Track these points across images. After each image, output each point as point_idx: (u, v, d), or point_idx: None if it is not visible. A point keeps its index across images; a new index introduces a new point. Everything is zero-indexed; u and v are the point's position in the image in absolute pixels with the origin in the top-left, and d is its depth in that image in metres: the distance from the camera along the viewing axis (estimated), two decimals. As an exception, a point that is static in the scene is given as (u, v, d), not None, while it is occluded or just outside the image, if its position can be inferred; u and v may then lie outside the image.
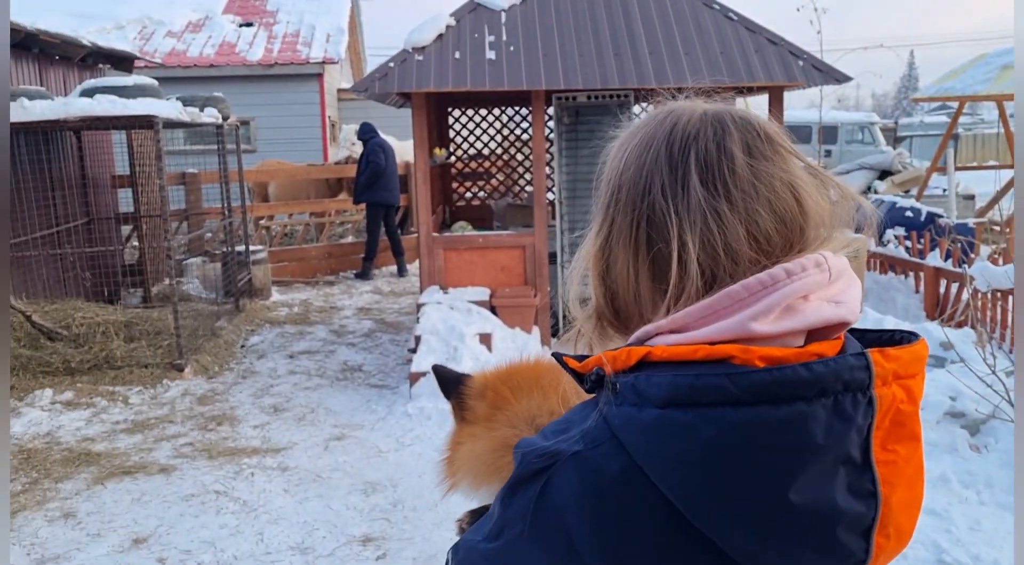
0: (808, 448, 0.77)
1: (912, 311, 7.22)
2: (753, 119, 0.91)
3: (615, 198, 0.90)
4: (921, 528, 3.69)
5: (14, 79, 7.71)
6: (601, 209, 0.92)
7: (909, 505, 0.86)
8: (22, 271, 7.17)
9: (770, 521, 0.77)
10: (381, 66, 6.83)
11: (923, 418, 3.92)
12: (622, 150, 0.92)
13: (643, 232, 0.87)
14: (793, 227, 0.86)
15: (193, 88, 11.59)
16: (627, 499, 0.79)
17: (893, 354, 0.83)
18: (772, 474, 0.76)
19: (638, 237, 0.87)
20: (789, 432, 0.76)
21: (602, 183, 0.94)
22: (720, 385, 0.77)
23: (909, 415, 0.84)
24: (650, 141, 0.89)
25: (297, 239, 12.33)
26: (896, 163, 15.72)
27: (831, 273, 0.85)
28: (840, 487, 0.79)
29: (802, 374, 0.77)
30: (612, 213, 0.90)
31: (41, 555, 3.97)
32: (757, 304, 0.81)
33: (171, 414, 5.91)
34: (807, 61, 6.89)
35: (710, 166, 0.85)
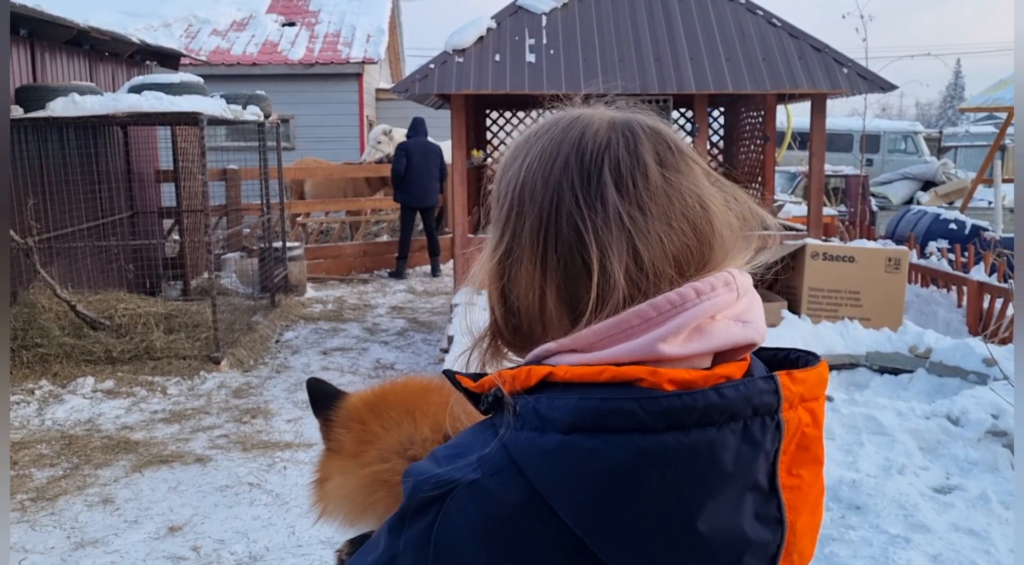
0: (718, 475, 0.74)
1: (954, 326, 7.10)
2: (662, 128, 0.88)
3: (516, 211, 0.84)
4: (959, 548, 3.63)
5: (67, 75, 7.88)
6: (499, 222, 0.86)
7: (811, 530, 0.83)
8: (68, 262, 7.33)
9: (678, 552, 0.74)
10: (422, 67, 6.88)
11: (963, 435, 3.83)
12: (520, 159, 0.86)
13: (551, 246, 0.82)
14: (704, 242, 0.83)
15: (236, 86, 11.75)
16: (527, 529, 0.75)
17: (800, 377, 0.81)
18: (680, 503, 0.73)
19: (546, 251, 0.82)
20: (699, 459, 0.73)
21: (499, 194, 0.88)
22: (629, 410, 0.73)
23: (813, 439, 0.81)
24: (556, 150, 0.84)
25: (333, 237, 12.45)
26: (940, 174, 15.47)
27: (738, 291, 0.83)
28: (747, 515, 0.76)
29: (713, 399, 0.74)
30: (514, 226, 0.84)
31: (80, 539, 4.05)
32: (666, 324, 0.78)
33: (207, 406, 6.00)
34: (852, 68, 6.82)
35: (624, 177, 0.81)
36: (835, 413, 4.74)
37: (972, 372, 5.52)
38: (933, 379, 5.74)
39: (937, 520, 3.87)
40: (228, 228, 10.12)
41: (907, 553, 3.59)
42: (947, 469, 4.35)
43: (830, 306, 6.70)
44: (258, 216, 9.79)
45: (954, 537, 3.73)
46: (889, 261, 6.68)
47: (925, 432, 4.57)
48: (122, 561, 3.85)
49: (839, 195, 13.60)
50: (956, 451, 4.46)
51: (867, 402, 4.87)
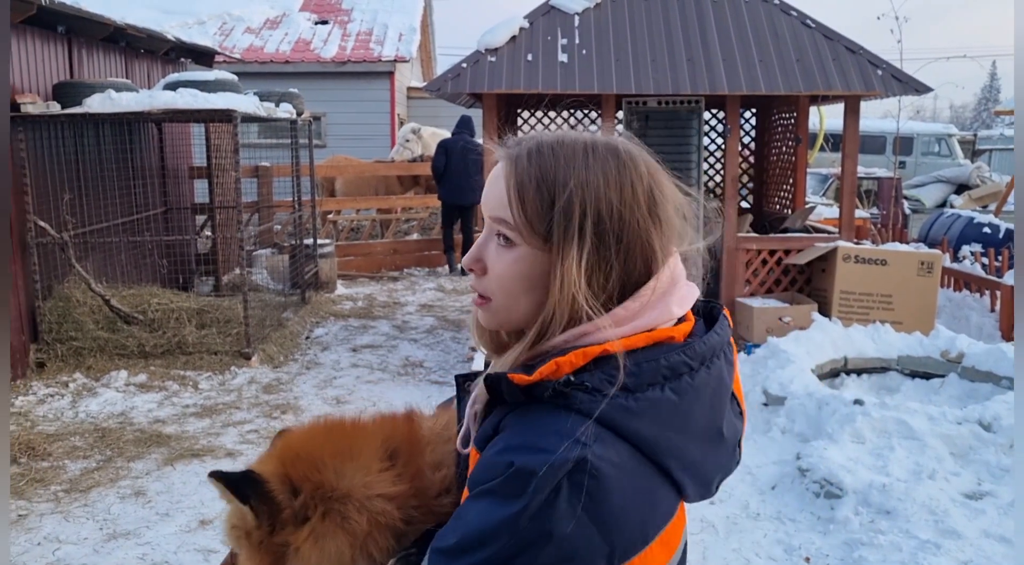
0: (725, 390, 1.09)
1: (987, 331, 7.00)
2: (636, 149, 1.14)
3: (592, 224, 1.04)
4: (990, 554, 3.59)
5: (103, 72, 8.01)
6: (569, 234, 1.04)
7: (743, 415, 1.18)
8: (103, 256, 7.45)
9: (712, 453, 1.08)
10: (454, 66, 6.90)
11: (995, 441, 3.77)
12: (579, 180, 1.06)
13: (622, 250, 1.05)
14: (674, 231, 1.12)
15: (269, 83, 11.87)
16: (636, 475, 0.99)
17: (728, 314, 1.19)
18: (714, 416, 1.07)
19: (614, 254, 1.05)
20: (719, 383, 1.07)
21: (558, 210, 1.05)
22: (682, 361, 1.03)
23: (735, 354, 1.15)
24: (617, 175, 1.07)
25: (363, 234, 12.53)
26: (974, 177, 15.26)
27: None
28: (731, 415, 1.11)
29: (714, 341, 1.09)
30: (590, 236, 1.04)
31: (113, 530, 4.13)
32: (673, 294, 1.08)
33: (238, 401, 6.07)
34: (886, 70, 6.74)
35: (658, 194, 1.10)
36: (866, 417, 4.70)
37: (1005, 377, 5.44)
38: (965, 384, 5.66)
39: (968, 526, 3.82)
40: (260, 225, 10.23)
41: (937, 559, 3.56)
42: (979, 475, 4.30)
43: (861, 309, 6.64)
44: (289, 213, 9.88)
45: (985, 543, 3.69)
46: (922, 265, 6.60)
47: (956, 437, 4.52)
48: (153, 553, 3.91)
49: (871, 197, 13.45)
50: (988, 457, 4.40)
51: (898, 406, 4.82)
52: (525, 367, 1.03)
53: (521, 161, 1.08)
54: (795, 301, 6.84)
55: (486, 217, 1.11)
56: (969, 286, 7.72)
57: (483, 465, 1.02)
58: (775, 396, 5.36)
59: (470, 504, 1.01)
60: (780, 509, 4.27)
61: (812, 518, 4.13)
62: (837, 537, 3.90)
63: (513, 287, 1.07)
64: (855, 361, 6.06)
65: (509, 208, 1.06)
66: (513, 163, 1.09)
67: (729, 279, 7.12)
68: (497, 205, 1.08)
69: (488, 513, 0.97)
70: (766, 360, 5.81)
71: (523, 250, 1.06)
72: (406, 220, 13.28)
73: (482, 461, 1.03)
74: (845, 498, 4.12)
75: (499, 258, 1.08)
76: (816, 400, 5.08)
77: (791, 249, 7.07)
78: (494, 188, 1.10)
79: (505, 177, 1.08)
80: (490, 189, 1.11)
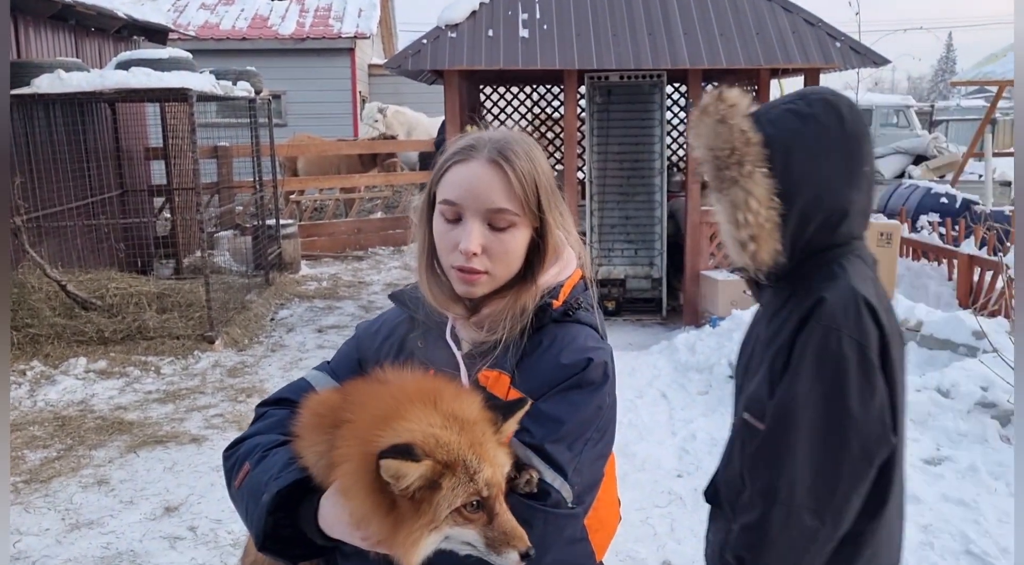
0: None
1: (944, 299, 7.13)
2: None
3: (552, 197, 1.47)
4: (949, 518, 3.67)
5: (52, 51, 7.78)
6: (547, 208, 1.44)
7: None
8: (57, 241, 7.28)
9: None
10: (414, 43, 6.81)
11: (953, 407, 3.85)
12: (542, 168, 1.45)
13: (561, 210, 1.49)
14: None
15: (225, 61, 11.63)
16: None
17: None
18: None
19: (561, 215, 1.49)
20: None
21: (542, 194, 1.43)
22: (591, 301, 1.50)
23: None
24: (544, 159, 1.52)
25: (327, 214, 12.40)
26: (931, 148, 15.45)
27: None
28: None
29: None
30: (552, 206, 1.46)
31: (76, 520, 4.06)
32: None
33: (202, 385, 6.00)
34: (844, 43, 6.78)
35: None
36: (827, 387, 4.76)
37: (962, 345, 5.55)
38: (924, 352, 5.77)
39: (928, 491, 3.91)
40: (220, 206, 10.07)
41: (898, 525, 3.63)
42: (937, 441, 4.39)
43: (822, 281, 6.71)
44: (251, 194, 9.73)
45: (944, 507, 3.77)
46: (880, 235, 6.69)
47: (915, 404, 4.60)
48: (118, 542, 3.86)
49: (831, 169, 13.57)
50: (946, 423, 4.50)
51: (859, 376, 4.89)
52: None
53: (509, 163, 1.37)
54: (758, 274, 6.89)
55: (480, 210, 1.37)
56: (927, 255, 7.85)
57: (552, 369, 1.37)
58: (739, 368, 5.41)
59: (558, 400, 1.35)
60: (746, 480, 4.32)
61: (777, 488, 4.19)
62: (801, 506, 3.96)
63: (514, 258, 1.41)
64: (817, 332, 6.14)
65: (512, 200, 1.38)
66: (500, 166, 1.38)
67: (693, 252, 7.16)
68: (499, 199, 1.37)
69: (584, 400, 1.35)
70: (731, 332, 5.86)
71: (522, 229, 1.40)
72: (370, 199, 13.16)
73: (546, 368, 1.37)
74: (809, 467, 4.17)
75: (503, 240, 1.39)
76: (780, 371, 5.14)
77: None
78: (490, 186, 1.37)
79: (500, 177, 1.38)
80: (484, 187, 1.37)
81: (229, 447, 1.50)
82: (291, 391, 1.55)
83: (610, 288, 7.53)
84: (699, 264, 7.13)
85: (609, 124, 7.38)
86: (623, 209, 7.53)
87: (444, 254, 1.44)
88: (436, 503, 1.20)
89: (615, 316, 7.50)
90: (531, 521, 1.27)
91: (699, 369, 5.78)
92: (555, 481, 1.31)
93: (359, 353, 1.59)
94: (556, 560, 1.31)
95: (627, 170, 7.49)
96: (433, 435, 1.22)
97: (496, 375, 1.40)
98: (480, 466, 1.22)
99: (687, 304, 7.25)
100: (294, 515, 1.32)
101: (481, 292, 1.42)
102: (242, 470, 1.41)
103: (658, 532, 3.85)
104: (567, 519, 1.32)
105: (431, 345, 1.48)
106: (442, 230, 1.43)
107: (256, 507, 1.33)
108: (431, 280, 1.48)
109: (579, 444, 1.34)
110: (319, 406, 1.40)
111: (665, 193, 7.41)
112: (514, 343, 1.40)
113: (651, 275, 7.52)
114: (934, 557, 3.39)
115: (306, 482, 1.32)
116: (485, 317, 1.43)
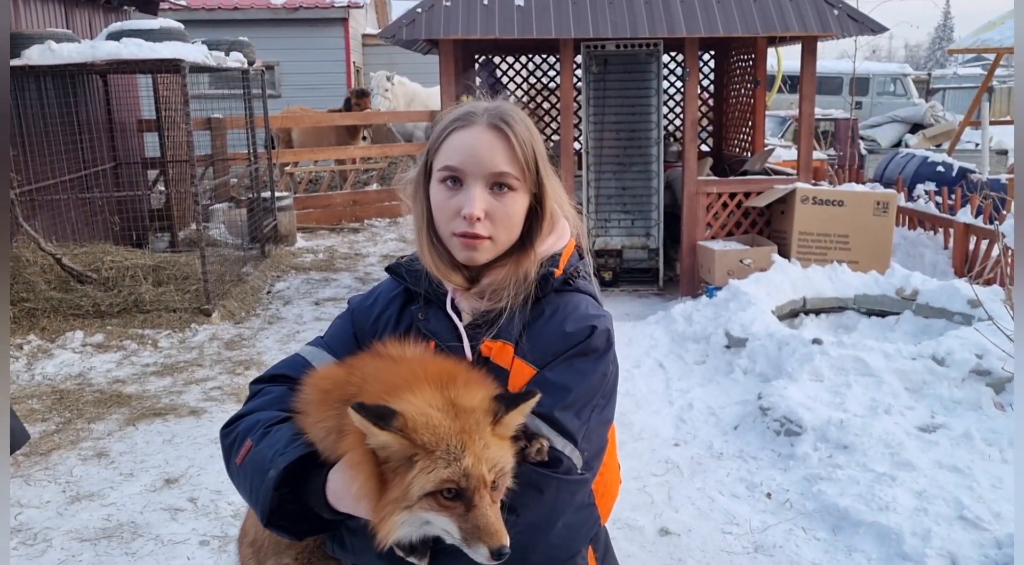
0: None
1: (940, 267, 7.15)
2: None
3: (547, 164, 1.49)
4: (943, 484, 3.71)
5: (42, 22, 7.69)
6: (545, 174, 1.48)
7: None
8: (51, 214, 7.25)
9: None
10: (408, 12, 6.74)
11: (948, 375, 3.88)
12: (536, 136, 1.47)
13: (555, 178, 1.55)
14: None
15: (217, 31, 11.51)
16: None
17: None
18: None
19: (555, 183, 1.56)
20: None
21: (540, 159, 1.45)
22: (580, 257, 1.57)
23: None
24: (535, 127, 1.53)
25: (322, 186, 12.34)
26: (928, 116, 15.39)
27: None
28: None
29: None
30: (549, 172, 1.50)
31: (76, 493, 4.08)
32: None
33: (199, 358, 6.01)
34: (842, 11, 6.73)
35: None
36: (824, 356, 4.78)
37: (957, 313, 5.58)
38: (919, 321, 5.79)
39: (922, 458, 3.94)
40: (215, 178, 10.01)
41: (893, 490, 3.66)
42: (932, 408, 4.42)
43: (819, 250, 6.72)
44: (245, 166, 9.68)
45: (938, 474, 3.81)
46: (877, 204, 6.68)
47: (911, 373, 4.63)
48: (119, 513, 3.89)
49: (828, 138, 13.54)
50: (941, 391, 4.53)
51: (855, 344, 4.92)
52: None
53: (510, 128, 1.40)
54: (755, 243, 6.90)
55: (483, 174, 1.39)
56: (923, 224, 7.85)
57: (557, 337, 1.39)
58: (737, 338, 5.43)
59: (564, 368, 1.37)
60: (742, 448, 4.36)
61: (773, 455, 4.23)
62: (797, 473, 4.00)
63: (516, 223, 1.43)
64: (813, 301, 6.16)
65: (514, 165, 1.40)
66: (502, 131, 1.40)
67: (690, 223, 7.16)
68: (501, 163, 1.40)
69: (590, 367, 1.38)
70: (727, 302, 5.87)
71: (521, 194, 1.43)
72: (365, 170, 13.10)
73: (551, 337, 1.40)
74: (804, 435, 4.21)
75: (505, 204, 1.41)
76: (776, 340, 5.16)
77: (751, 192, 7.11)
78: (492, 150, 1.39)
79: (502, 142, 1.40)
80: (487, 151, 1.39)
81: (227, 424, 1.50)
82: (287, 367, 1.55)
83: (607, 259, 7.53)
84: (696, 234, 7.13)
85: (606, 94, 7.34)
86: (620, 179, 7.50)
87: (444, 222, 1.43)
88: (408, 482, 1.20)
89: (612, 287, 7.51)
90: (543, 488, 1.29)
91: (696, 339, 5.80)
92: (565, 448, 1.33)
93: (355, 328, 1.58)
94: (567, 524, 1.33)
95: (624, 140, 7.46)
96: (425, 414, 1.22)
97: (500, 345, 1.41)
98: (462, 455, 1.21)
99: (684, 274, 7.25)
100: (300, 490, 1.33)
101: (483, 258, 1.43)
102: (244, 447, 1.41)
103: (655, 500, 3.89)
104: (578, 485, 1.34)
105: (432, 317, 1.49)
106: (442, 198, 1.42)
107: (262, 483, 1.33)
108: (431, 250, 1.47)
109: (587, 411, 1.37)
110: (323, 381, 1.40)
111: (662, 163, 7.39)
112: (518, 312, 1.42)
113: (648, 246, 7.52)
114: (928, 522, 3.43)
115: (312, 457, 1.32)
116: (486, 286, 1.45)
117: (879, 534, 3.44)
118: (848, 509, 3.60)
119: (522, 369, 1.40)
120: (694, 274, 7.16)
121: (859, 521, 3.52)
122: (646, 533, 3.63)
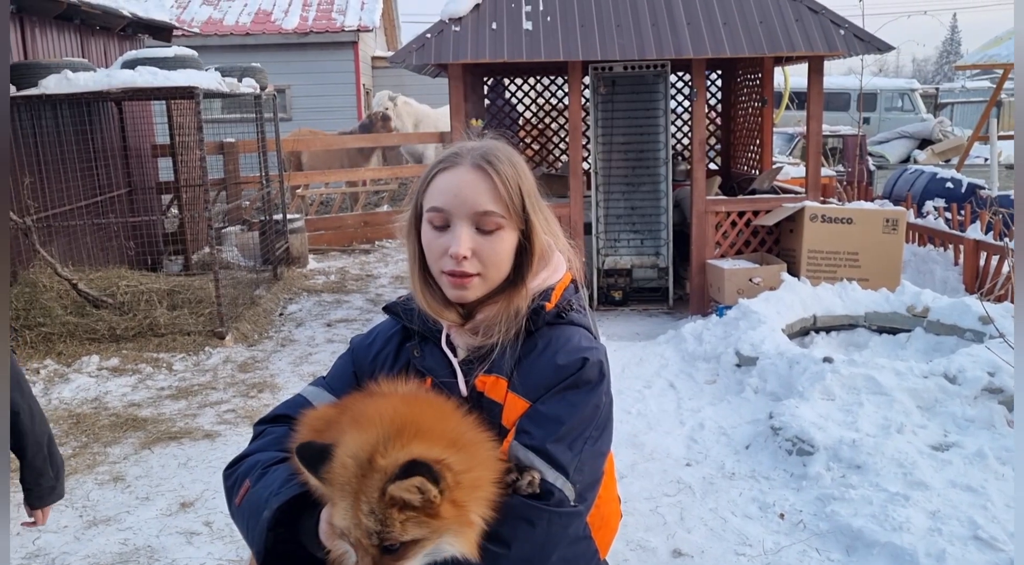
0: None
1: (951, 284, 7.14)
2: None
3: (536, 201, 1.51)
4: (956, 504, 3.70)
5: (58, 51, 7.82)
6: (532, 211, 1.48)
7: None
8: (67, 239, 7.34)
9: None
10: (418, 37, 6.83)
11: (960, 393, 3.87)
12: (524, 173, 1.50)
13: (544, 215, 1.57)
14: None
15: (229, 56, 11.67)
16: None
17: None
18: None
19: (545, 219, 1.57)
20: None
21: (526, 197, 1.47)
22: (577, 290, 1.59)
23: None
24: (524, 165, 1.54)
25: (333, 208, 12.43)
26: (937, 132, 15.38)
27: None
28: None
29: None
30: (537, 209, 1.52)
31: (93, 517, 4.12)
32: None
33: (214, 381, 6.06)
34: (848, 30, 6.78)
35: None
36: (835, 374, 4.79)
37: (969, 330, 5.57)
38: (931, 338, 5.79)
39: (935, 477, 3.94)
40: (228, 202, 10.11)
41: (906, 510, 3.66)
42: (944, 427, 4.41)
43: (829, 268, 6.73)
44: (257, 189, 9.77)
45: (952, 494, 3.80)
46: (887, 222, 6.70)
47: (923, 391, 4.63)
48: (135, 538, 3.92)
49: (837, 155, 13.55)
50: (953, 409, 4.52)
51: (866, 362, 4.92)
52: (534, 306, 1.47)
53: (492, 168, 1.43)
54: (764, 262, 6.92)
55: (468, 213, 1.41)
56: (933, 241, 7.85)
57: (549, 370, 1.40)
58: (747, 357, 5.44)
59: (556, 401, 1.38)
60: (754, 467, 4.36)
61: (785, 475, 4.23)
62: (810, 493, 4.00)
63: (504, 259, 1.45)
64: (824, 319, 6.17)
65: (498, 203, 1.42)
66: (484, 170, 1.43)
67: (699, 242, 7.18)
68: (485, 202, 1.42)
69: (582, 399, 1.39)
70: (737, 321, 5.89)
71: (509, 232, 1.44)
72: (375, 192, 13.19)
73: (543, 370, 1.41)
74: (816, 454, 4.21)
75: (492, 242, 1.43)
76: (787, 359, 5.17)
77: (759, 210, 7.14)
78: (476, 190, 1.42)
79: (485, 182, 1.43)
80: (471, 192, 1.42)
81: (229, 466, 1.54)
82: (288, 408, 1.59)
83: (616, 278, 7.56)
84: (705, 253, 7.15)
85: (614, 115, 7.40)
86: (629, 199, 7.55)
87: (434, 261, 1.47)
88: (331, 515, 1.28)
89: (622, 306, 7.53)
90: (535, 521, 1.29)
91: (706, 358, 5.81)
92: (557, 480, 1.34)
93: (355, 366, 1.61)
94: (562, 558, 1.34)
95: (632, 160, 7.51)
96: (343, 464, 1.24)
97: (493, 380, 1.44)
98: (336, 505, 1.24)
99: (694, 293, 7.27)
100: (295, 530, 1.36)
101: (473, 295, 1.46)
102: (242, 488, 1.45)
103: (668, 521, 3.90)
104: (570, 517, 1.34)
105: (428, 353, 1.51)
106: (431, 237, 1.46)
107: (256, 524, 1.36)
108: (424, 289, 1.50)
109: (579, 443, 1.38)
110: (316, 421, 1.43)
111: (670, 182, 7.43)
112: (510, 346, 1.44)
113: (657, 265, 7.55)
114: (942, 543, 3.42)
115: (306, 497, 1.35)
116: (479, 322, 1.47)
117: (893, 555, 3.43)
118: (862, 529, 3.59)
119: (515, 403, 1.41)
120: (704, 293, 7.18)
121: (873, 541, 3.52)
122: (659, 555, 3.63)
